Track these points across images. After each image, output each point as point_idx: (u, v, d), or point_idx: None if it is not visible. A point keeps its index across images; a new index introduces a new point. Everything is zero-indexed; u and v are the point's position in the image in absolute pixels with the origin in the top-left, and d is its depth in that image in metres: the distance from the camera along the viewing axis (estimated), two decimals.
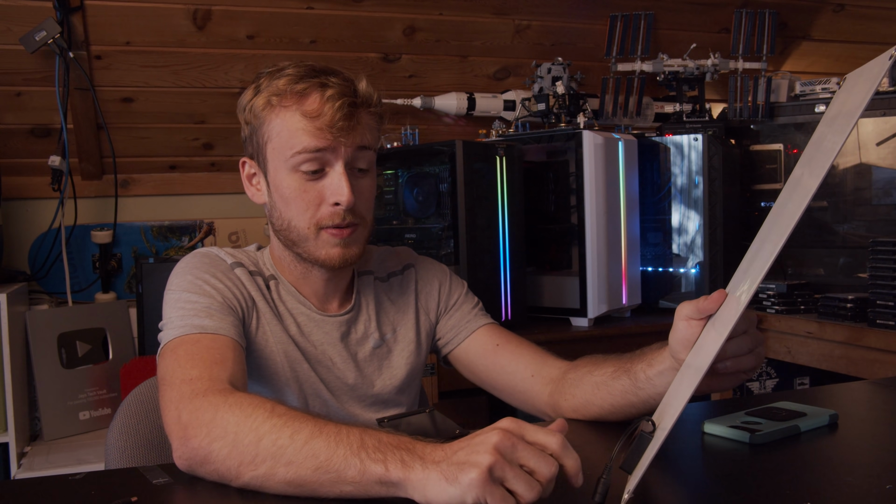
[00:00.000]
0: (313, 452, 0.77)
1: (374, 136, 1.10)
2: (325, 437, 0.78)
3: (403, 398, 1.21)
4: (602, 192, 2.23)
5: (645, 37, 2.63)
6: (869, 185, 2.41)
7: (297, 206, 1.07)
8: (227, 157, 2.61)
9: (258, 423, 0.81)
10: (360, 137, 1.07)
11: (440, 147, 2.09)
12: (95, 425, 2.28)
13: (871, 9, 2.91)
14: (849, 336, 2.09)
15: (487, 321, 1.25)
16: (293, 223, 1.08)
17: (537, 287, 2.36)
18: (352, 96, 1.05)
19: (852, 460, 0.90)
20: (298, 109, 1.04)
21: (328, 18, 2.39)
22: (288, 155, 1.05)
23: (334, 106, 1.03)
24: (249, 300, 1.10)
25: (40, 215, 2.46)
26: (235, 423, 0.82)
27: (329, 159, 1.05)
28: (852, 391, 1.29)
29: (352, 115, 1.05)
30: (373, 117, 1.10)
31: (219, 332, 1.00)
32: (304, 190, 1.06)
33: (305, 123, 1.04)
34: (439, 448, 0.74)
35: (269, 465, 0.79)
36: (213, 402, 0.86)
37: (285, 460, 0.78)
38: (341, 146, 1.04)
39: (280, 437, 0.79)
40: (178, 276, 1.08)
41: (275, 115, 1.06)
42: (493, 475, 0.69)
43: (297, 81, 1.05)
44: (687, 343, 0.88)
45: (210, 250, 1.14)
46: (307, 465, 0.77)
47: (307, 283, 1.15)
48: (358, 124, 1.06)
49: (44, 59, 2.22)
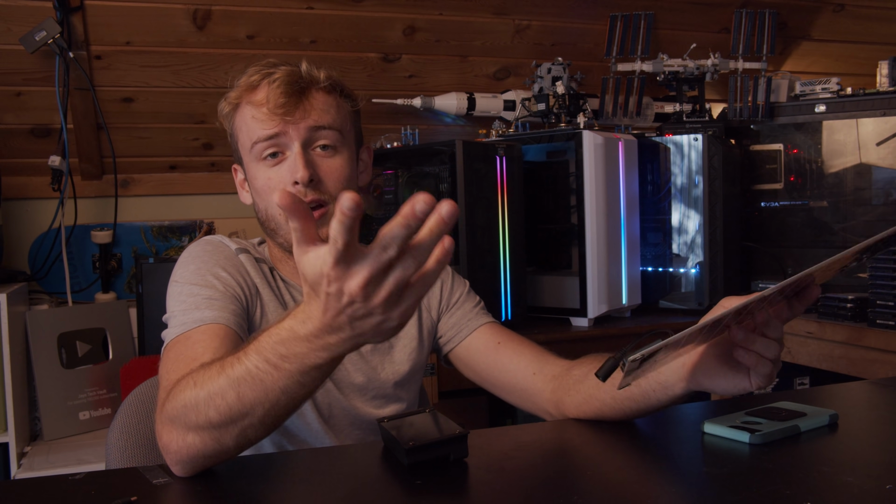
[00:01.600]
0: (237, 376, 0.79)
1: (333, 115, 1.11)
2: (231, 361, 0.80)
3: (404, 393, 1.21)
4: (602, 192, 2.23)
5: (645, 37, 2.63)
6: (869, 185, 2.41)
7: (267, 194, 1.10)
8: (227, 157, 2.60)
9: (199, 388, 0.82)
10: (313, 117, 1.09)
11: (440, 147, 2.09)
12: (95, 425, 2.28)
13: (871, 9, 2.91)
14: (849, 336, 2.09)
15: (488, 320, 1.26)
16: (269, 212, 1.11)
17: (537, 287, 2.36)
18: (294, 77, 1.08)
19: (852, 460, 0.90)
20: (249, 102, 1.10)
21: (328, 18, 2.39)
22: (249, 147, 1.10)
23: (276, 91, 1.07)
24: (253, 287, 1.12)
25: (40, 215, 2.46)
26: (183, 407, 0.83)
27: (285, 143, 1.09)
28: (852, 391, 1.29)
29: (294, 95, 1.07)
30: (329, 97, 1.11)
31: (217, 321, 1.01)
32: (269, 178, 1.10)
33: (255, 112, 1.09)
34: (293, 318, 0.75)
35: (219, 403, 0.80)
36: (172, 398, 0.86)
37: (233, 393, 0.79)
38: (290, 127, 1.07)
39: (217, 382, 0.80)
40: (182, 265, 1.10)
41: (236, 113, 1.13)
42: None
43: (249, 77, 1.10)
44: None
45: (214, 238, 1.16)
46: (246, 386, 0.78)
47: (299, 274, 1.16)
48: (306, 104, 1.09)
49: (44, 59, 2.22)
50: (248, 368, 0.78)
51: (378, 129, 2.57)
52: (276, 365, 0.76)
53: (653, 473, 0.82)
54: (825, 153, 2.50)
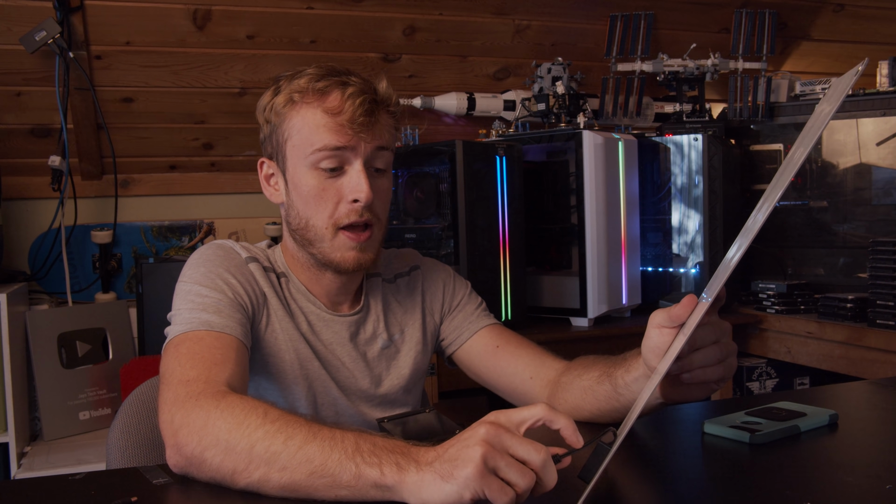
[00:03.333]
0: (307, 458, 0.77)
1: (391, 137, 1.11)
2: (318, 441, 0.78)
3: (410, 398, 1.22)
4: (602, 192, 2.23)
5: (645, 37, 2.63)
6: (869, 185, 2.42)
7: (316, 204, 1.07)
8: (227, 157, 2.61)
9: (251, 430, 0.81)
10: (380, 137, 1.07)
11: (440, 147, 2.09)
12: (95, 425, 2.28)
13: (871, 9, 2.91)
14: (849, 336, 2.09)
15: (490, 322, 1.26)
16: (311, 222, 1.08)
17: (537, 287, 2.36)
18: (372, 94, 1.06)
19: (852, 460, 0.90)
20: (320, 106, 1.05)
21: (328, 18, 2.40)
22: (308, 152, 1.06)
23: (355, 103, 1.04)
24: (261, 296, 1.10)
25: (40, 215, 2.46)
26: (227, 430, 0.82)
27: (348, 157, 1.06)
28: (852, 391, 1.29)
29: (372, 112, 1.05)
30: (391, 118, 1.11)
31: (224, 330, 1.00)
32: (323, 188, 1.06)
33: (326, 120, 1.04)
34: (431, 450, 0.74)
35: (263, 472, 0.79)
36: (205, 407, 0.85)
37: (279, 466, 0.78)
38: (361, 144, 1.05)
39: (273, 444, 0.79)
40: (191, 267, 1.08)
41: (295, 112, 1.07)
42: (486, 466, 0.69)
43: (318, 80, 1.06)
44: (659, 351, 0.88)
45: (226, 243, 1.13)
46: (301, 470, 0.77)
47: (319, 283, 1.15)
48: (377, 123, 1.07)
49: (44, 59, 2.23)
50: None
51: None
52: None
53: (653, 473, 0.82)
54: (825, 153, 2.50)
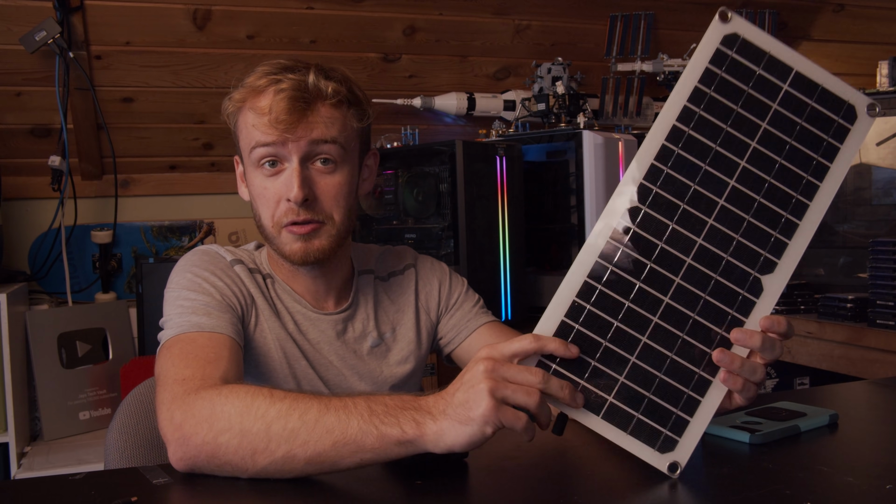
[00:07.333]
0: (327, 429, 0.80)
1: (338, 129, 1.07)
2: (333, 412, 0.81)
3: None
4: (602, 192, 2.23)
5: (645, 37, 2.63)
6: (869, 185, 2.41)
7: (262, 204, 1.09)
8: (227, 157, 2.62)
9: (262, 411, 0.82)
10: (315, 131, 1.05)
11: (440, 147, 2.09)
12: (95, 425, 2.28)
13: (871, 9, 2.91)
14: (849, 336, 2.09)
15: (488, 319, 1.26)
16: (262, 221, 1.10)
17: (537, 287, 2.36)
18: (300, 91, 1.05)
19: (852, 460, 0.90)
20: (253, 107, 1.06)
21: (328, 18, 2.40)
22: (248, 151, 1.08)
23: (281, 104, 1.04)
24: (249, 297, 1.11)
25: (40, 215, 2.46)
26: (238, 414, 0.83)
27: (284, 155, 1.06)
28: (852, 391, 1.29)
29: (299, 108, 1.04)
30: (336, 111, 1.07)
31: (216, 330, 1.01)
32: (265, 187, 1.08)
33: (257, 119, 1.05)
34: (439, 398, 0.79)
35: (286, 449, 0.81)
36: (208, 397, 0.86)
37: (300, 441, 0.80)
38: (288, 141, 1.05)
39: (289, 421, 0.81)
40: (177, 273, 1.09)
41: (239, 114, 1.10)
42: (496, 398, 0.75)
43: (259, 79, 1.07)
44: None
45: (210, 247, 1.14)
46: (324, 441, 0.80)
47: (298, 281, 1.15)
48: (308, 118, 1.05)
49: (44, 59, 2.23)
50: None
51: (378, 129, 2.57)
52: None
53: (653, 474, 0.82)
54: None
